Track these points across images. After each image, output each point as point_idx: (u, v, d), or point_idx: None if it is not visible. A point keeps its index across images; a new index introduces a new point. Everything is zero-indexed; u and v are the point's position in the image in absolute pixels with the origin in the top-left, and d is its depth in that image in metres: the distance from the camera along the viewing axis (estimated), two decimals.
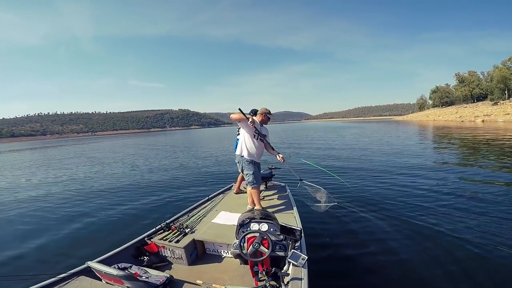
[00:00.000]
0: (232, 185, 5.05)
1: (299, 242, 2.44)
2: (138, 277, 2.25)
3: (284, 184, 4.97)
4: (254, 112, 4.77)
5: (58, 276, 2.20)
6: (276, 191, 4.67)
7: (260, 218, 2.57)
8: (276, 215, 2.84)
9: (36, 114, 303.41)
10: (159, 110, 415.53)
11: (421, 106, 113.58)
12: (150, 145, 30.67)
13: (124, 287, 2.08)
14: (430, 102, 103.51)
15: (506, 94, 62.35)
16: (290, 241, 2.39)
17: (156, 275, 2.39)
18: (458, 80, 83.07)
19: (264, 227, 2.50)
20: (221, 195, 4.67)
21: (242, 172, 3.91)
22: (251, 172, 3.65)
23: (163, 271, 2.63)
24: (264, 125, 3.94)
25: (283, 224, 2.44)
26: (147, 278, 2.32)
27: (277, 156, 3.78)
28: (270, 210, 3.57)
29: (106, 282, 2.19)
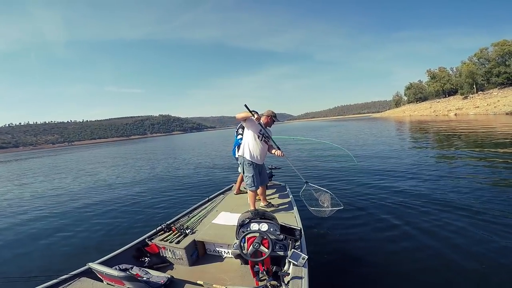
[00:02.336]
0: (232, 186, 5.05)
1: (299, 242, 2.44)
2: (139, 278, 2.25)
3: (284, 184, 4.97)
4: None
5: (60, 278, 2.21)
6: (276, 190, 4.67)
7: (260, 218, 2.58)
8: (276, 215, 2.85)
9: (7, 125, 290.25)
10: (138, 116, 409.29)
11: (397, 102, 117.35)
12: (136, 153, 29.96)
13: None
14: (405, 98, 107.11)
15: (475, 88, 65.51)
16: (290, 240, 2.39)
17: (157, 276, 2.41)
18: (430, 76, 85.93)
19: (264, 227, 2.50)
20: (221, 195, 4.67)
21: (243, 174, 3.88)
22: (250, 175, 3.62)
23: (164, 272, 2.63)
24: (268, 127, 3.88)
25: (283, 224, 2.44)
26: (148, 279, 2.33)
27: (277, 151, 3.64)
28: (270, 210, 3.60)
29: (107, 283, 2.19)
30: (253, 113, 3.39)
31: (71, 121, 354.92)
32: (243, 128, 4.28)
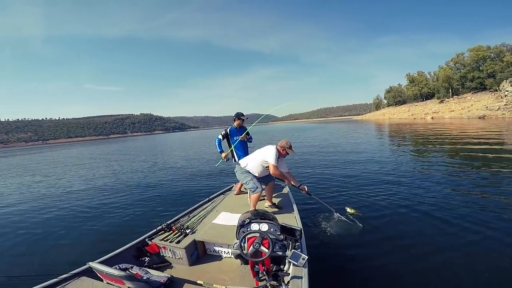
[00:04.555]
0: (233, 186, 5.06)
1: (299, 242, 2.46)
2: (139, 278, 2.27)
3: (284, 184, 4.93)
4: (238, 116, 4.79)
5: (60, 277, 2.21)
6: (276, 191, 4.65)
7: (260, 218, 2.57)
8: (277, 215, 2.86)
9: None
10: (118, 115, 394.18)
11: (377, 105, 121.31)
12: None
13: (125, 287, 2.08)
14: (385, 101, 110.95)
15: (450, 93, 68.93)
16: (290, 241, 2.39)
17: (157, 276, 2.41)
18: (409, 80, 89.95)
19: (264, 227, 2.50)
20: (222, 195, 4.69)
21: (241, 181, 3.91)
22: (249, 178, 3.64)
23: (164, 272, 2.66)
24: (282, 157, 3.81)
25: (283, 224, 2.45)
26: (148, 278, 2.34)
27: (301, 188, 3.90)
28: (270, 210, 3.62)
29: (107, 283, 2.20)
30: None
31: (46, 118, 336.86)
32: (226, 136, 4.74)
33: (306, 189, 3.94)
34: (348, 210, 4.59)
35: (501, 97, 41.74)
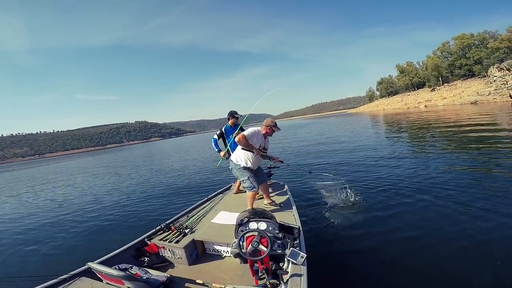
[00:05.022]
0: (231, 185, 5.05)
1: (298, 240, 2.45)
2: (138, 278, 2.26)
3: (283, 182, 4.98)
4: (232, 114, 4.77)
5: (59, 278, 2.21)
6: (275, 189, 4.65)
7: (259, 217, 2.58)
8: (275, 214, 2.87)
9: None
10: (113, 124, 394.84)
11: (370, 97, 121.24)
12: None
13: (125, 287, 2.08)
14: (378, 93, 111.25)
15: (441, 81, 69.65)
16: (289, 239, 2.38)
17: (156, 275, 2.41)
18: (399, 71, 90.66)
19: (263, 225, 2.50)
20: (220, 195, 4.67)
21: (238, 178, 3.85)
22: (246, 177, 3.61)
23: (164, 271, 2.65)
24: (269, 136, 3.86)
25: (282, 223, 2.44)
26: (148, 278, 2.34)
27: (272, 159, 3.87)
28: (269, 208, 3.62)
29: (107, 283, 2.19)
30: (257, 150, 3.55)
31: (40, 132, 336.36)
32: (222, 136, 4.70)
33: (279, 158, 3.97)
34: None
35: (490, 83, 42.32)
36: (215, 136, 4.80)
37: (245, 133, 3.58)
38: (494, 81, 40.61)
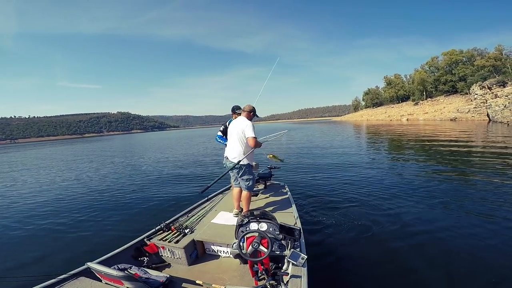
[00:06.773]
0: (232, 185, 4.96)
1: (298, 242, 2.47)
2: (138, 278, 2.26)
3: (283, 183, 5.01)
4: (235, 109, 4.69)
5: (58, 277, 2.18)
6: (275, 190, 4.67)
7: (259, 218, 2.56)
8: (276, 215, 2.87)
9: None
10: (94, 113, 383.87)
11: (356, 107, 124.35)
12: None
13: (124, 287, 2.07)
14: (363, 103, 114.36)
15: (425, 95, 72.26)
16: (289, 240, 2.39)
17: (156, 276, 2.41)
18: (386, 83, 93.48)
19: (263, 226, 2.49)
20: (220, 195, 4.66)
21: (241, 177, 3.65)
22: (252, 177, 3.59)
23: (163, 272, 2.65)
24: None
25: (282, 224, 2.45)
26: (147, 278, 2.33)
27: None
28: (269, 209, 3.65)
29: (106, 283, 2.18)
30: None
31: (14, 116, 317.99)
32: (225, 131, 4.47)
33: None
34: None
35: (471, 100, 44.30)
36: (219, 133, 4.61)
37: (253, 135, 3.43)
38: (475, 99, 42.16)
